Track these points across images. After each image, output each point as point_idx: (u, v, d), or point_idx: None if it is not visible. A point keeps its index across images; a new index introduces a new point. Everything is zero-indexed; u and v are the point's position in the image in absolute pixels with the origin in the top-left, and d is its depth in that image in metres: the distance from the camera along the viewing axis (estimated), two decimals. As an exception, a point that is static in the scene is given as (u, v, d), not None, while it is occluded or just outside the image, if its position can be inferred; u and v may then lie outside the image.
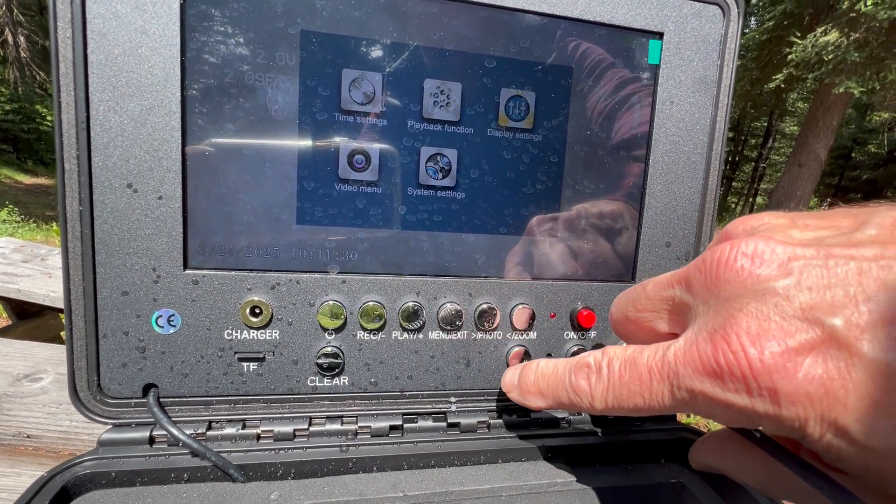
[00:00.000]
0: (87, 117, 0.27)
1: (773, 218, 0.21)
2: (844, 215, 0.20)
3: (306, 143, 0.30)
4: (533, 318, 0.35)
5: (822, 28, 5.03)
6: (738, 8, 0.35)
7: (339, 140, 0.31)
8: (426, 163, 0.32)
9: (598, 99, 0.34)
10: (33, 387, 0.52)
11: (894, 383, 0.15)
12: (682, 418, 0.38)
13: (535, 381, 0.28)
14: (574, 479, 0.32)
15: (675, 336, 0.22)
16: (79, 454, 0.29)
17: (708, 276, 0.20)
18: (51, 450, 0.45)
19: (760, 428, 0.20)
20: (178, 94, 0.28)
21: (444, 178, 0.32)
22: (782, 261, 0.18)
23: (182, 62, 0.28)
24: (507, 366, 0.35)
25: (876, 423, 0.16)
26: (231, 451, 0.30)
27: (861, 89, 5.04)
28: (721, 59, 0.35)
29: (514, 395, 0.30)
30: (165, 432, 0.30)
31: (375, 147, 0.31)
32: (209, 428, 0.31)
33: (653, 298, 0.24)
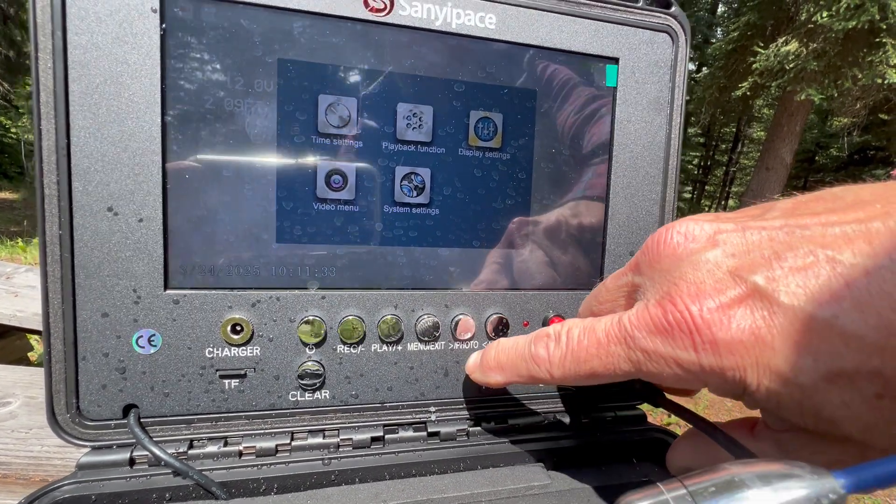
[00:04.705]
0: (68, 144, 0.28)
1: (701, 216, 0.25)
2: (755, 208, 0.23)
3: (285, 165, 0.31)
4: (507, 326, 0.36)
5: (783, 38, 5.30)
6: (685, 35, 0.38)
7: (316, 162, 0.32)
8: (401, 181, 0.34)
9: (562, 119, 0.36)
10: (1, 411, 0.51)
11: (808, 324, 0.18)
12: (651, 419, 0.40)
13: (496, 355, 0.30)
14: (551, 481, 0.33)
15: None
16: (51, 480, 0.29)
17: (651, 255, 0.23)
18: (21, 476, 0.44)
19: (708, 388, 0.22)
20: (159, 120, 0.29)
21: (418, 195, 0.34)
22: (709, 235, 0.21)
23: (162, 90, 0.29)
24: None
25: (800, 360, 0.18)
26: (213, 469, 0.30)
27: (821, 96, 5.32)
28: (672, 81, 0.38)
29: (475, 376, 0.31)
30: (146, 453, 0.30)
31: (352, 167, 0.33)
32: (191, 446, 0.31)
33: (611, 289, 0.27)
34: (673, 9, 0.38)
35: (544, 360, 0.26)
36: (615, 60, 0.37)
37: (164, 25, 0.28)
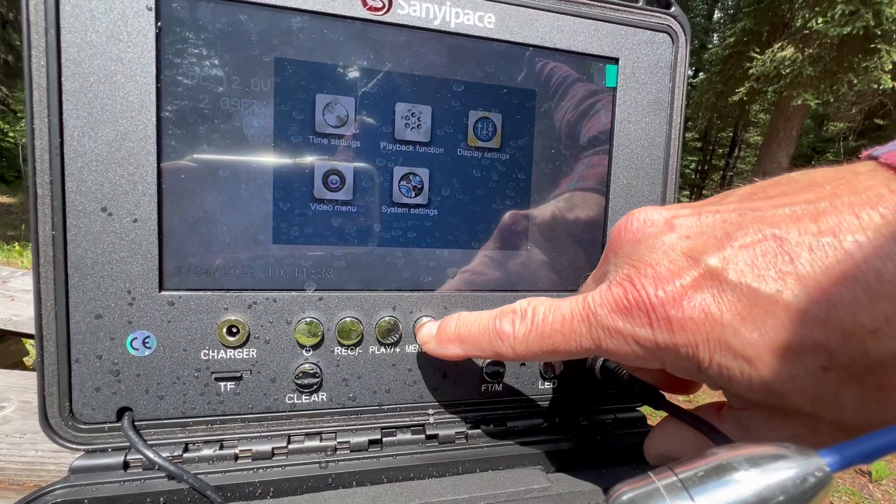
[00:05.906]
0: (61, 143, 0.28)
1: (663, 206, 0.26)
2: (717, 196, 0.24)
3: (282, 164, 0.31)
4: (506, 328, 0.36)
5: (779, 44, 5.34)
6: (685, 35, 0.38)
7: (313, 161, 0.32)
8: (399, 182, 0.33)
9: (562, 119, 0.36)
10: (-5, 416, 0.50)
11: (754, 299, 0.19)
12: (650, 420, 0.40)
13: (456, 328, 0.29)
14: (550, 484, 0.33)
15: None
16: (45, 485, 0.28)
17: (614, 242, 0.24)
18: (14, 482, 0.43)
19: (665, 367, 0.23)
20: (154, 119, 0.29)
21: (416, 196, 0.34)
22: (667, 219, 0.23)
23: (158, 89, 0.29)
24: (485, 376, 0.36)
25: (746, 334, 0.19)
26: (209, 473, 0.30)
27: (817, 101, 5.36)
28: (672, 81, 0.38)
29: (430, 346, 0.31)
30: (141, 456, 0.29)
31: (350, 168, 0.32)
32: (186, 450, 0.31)
33: (589, 285, 0.28)
34: (673, 9, 0.38)
35: (508, 336, 0.26)
36: (615, 60, 0.37)
37: (159, 23, 0.28)
